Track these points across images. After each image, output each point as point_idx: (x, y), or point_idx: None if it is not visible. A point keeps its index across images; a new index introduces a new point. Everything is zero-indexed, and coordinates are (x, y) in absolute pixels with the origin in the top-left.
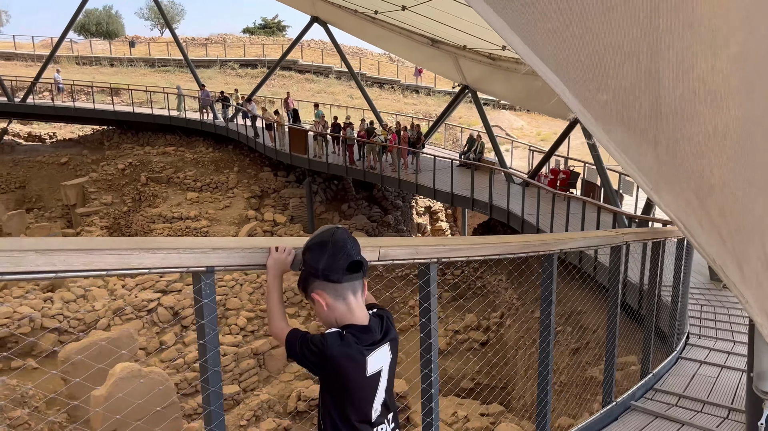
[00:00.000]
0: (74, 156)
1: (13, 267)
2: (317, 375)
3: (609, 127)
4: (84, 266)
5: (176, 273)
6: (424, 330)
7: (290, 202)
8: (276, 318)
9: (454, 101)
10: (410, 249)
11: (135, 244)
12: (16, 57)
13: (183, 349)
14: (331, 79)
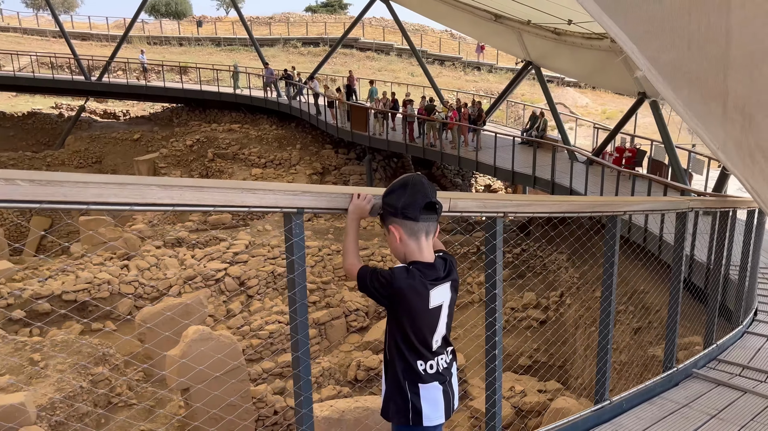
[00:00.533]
0: (146, 132)
1: (140, 198)
2: (384, 305)
3: (676, 84)
4: (196, 201)
5: (270, 212)
6: (489, 281)
7: (350, 178)
8: (350, 256)
9: (517, 78)
10: (478, 203)
11: (238, 185)
12: (92, 37)
13: (248, 317)
14: (391, 57)
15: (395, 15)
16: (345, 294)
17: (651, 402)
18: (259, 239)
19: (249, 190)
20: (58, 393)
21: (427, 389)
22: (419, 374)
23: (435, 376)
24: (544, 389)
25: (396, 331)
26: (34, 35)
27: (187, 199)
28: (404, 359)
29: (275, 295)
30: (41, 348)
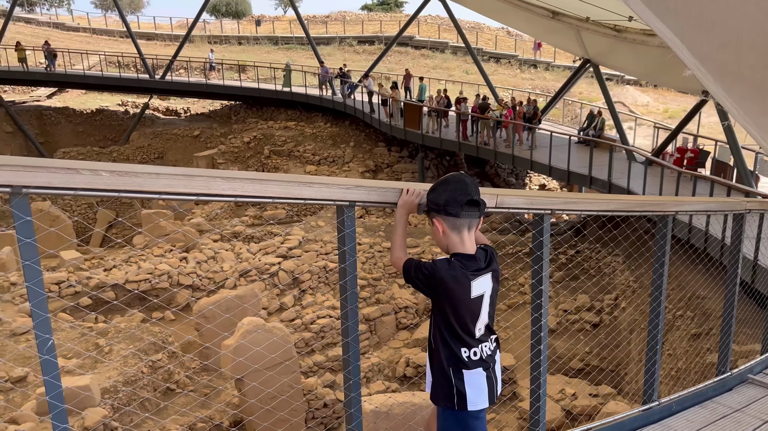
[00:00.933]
0: (205, 129)
1: (206, 189)
2: (428, 295)
3: (727, 82)
4: (256, 192)
5: (325, 204)
6: (535, 277)
7: (402, 176)
8: (397, 249)
9: (574, 76)
10: (525, 200)
11: (295, 179)
12: (156, 37)
13: (300, 311)
14: (446, 55)
15: (451, 13)
16: (395, 291)
17: (702, 405)
18: (312, 234)
19: (305, 183)
20: (121, 378)
21: (471, 375)
22: (463, 360)
23: (479, 362)
24: (596, 393)
25: (440, 320)
26: (103, 35)
27: (248, 191)
28: (448, 346)
29: (327, 290)
30: (106, 334)
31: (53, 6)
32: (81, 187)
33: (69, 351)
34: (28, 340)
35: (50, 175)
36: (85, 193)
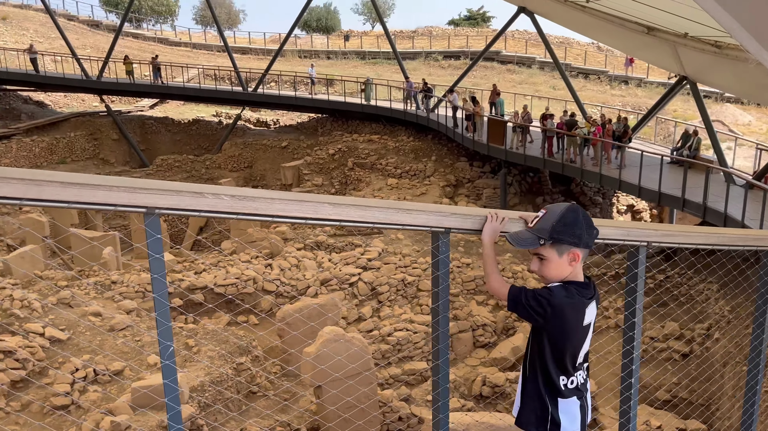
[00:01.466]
0: (293, 141)
1: (314, 214)
2: (537, 323)
3: None
4: (359, 218)
5: (422, 230)
6: (628, 309)
7: (484, 192)
8: (496, 277)
9: (669, 93)
10: (621, 230)
11: (395, 205)
12: (250, 51)
13: (378, 322)
14: (533, 70)
15: (539, 27)
16: (473, 308)
17: None
18: (392, 247)
19: (405, 210)
20: (208, 378)
21: (567, 403)
22: (560, 389)
23: (574, 391)
24: (684, 427)
25: (545, 347)
26: (202, 50)
27: (352, 216)
28: (547, 373)
29: (404, 303)
30: (195, 335)
31: (158, 22)
32: (205, 209)
33: None
34: (125, 336)
35: (179, 198)
36: (209, 215)
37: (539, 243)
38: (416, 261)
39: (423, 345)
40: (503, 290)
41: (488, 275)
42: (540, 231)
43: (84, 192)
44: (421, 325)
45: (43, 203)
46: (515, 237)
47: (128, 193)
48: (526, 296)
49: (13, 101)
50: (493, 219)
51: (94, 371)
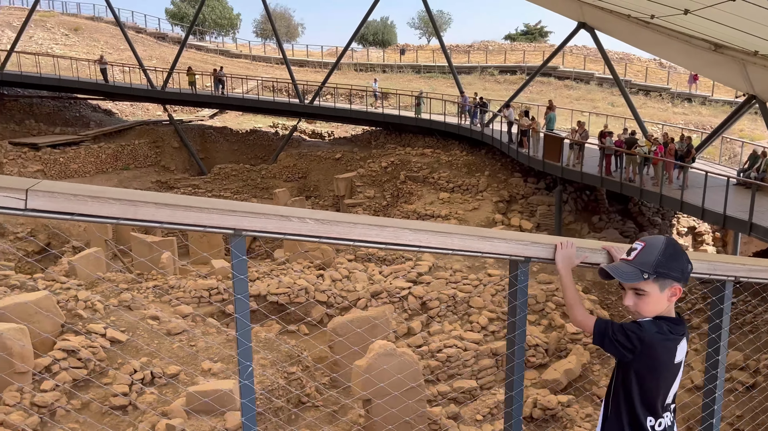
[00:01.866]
0: (346, 152)
1: (394, 239)
2: (625, 358)
3: None
4: (439, 245)
5: (501, 258)
6: (712, 346)
7: (538, 209)
8: (579, 309)
9: (737, 112)
10: (707, 265)
11: (476, 233)
12: (308, 64)
13: (428, 338)
14: (591, 86)
15: (599, 43)
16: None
17: None
18: (443, 261)
19: (485, 237)
20: (260, 386)
21: None
22: (647, 430)
23: None
24: None
25: (632, 384)
26: (261, 62)
27: (432, 242)
28: (633, 413)
29: (454, 319)
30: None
31: (220, 35)
32: (290, 233)
33: (216, 355)
34: (181, 340)
35: (266, 221)
36: (293, 238)
37: (643, 277)
38: (467, 277)
39: (472, 363)
40: (588, 322)
41: (571, 306)
42: (642, 265)
43: (177, 213)
44: (471, 343)
45: (139, 223)
46: (615, 269)
47: (218, 215)
48: (614, 330)
49: (83, 109)
50: (563, 247)
51: (151, 374)
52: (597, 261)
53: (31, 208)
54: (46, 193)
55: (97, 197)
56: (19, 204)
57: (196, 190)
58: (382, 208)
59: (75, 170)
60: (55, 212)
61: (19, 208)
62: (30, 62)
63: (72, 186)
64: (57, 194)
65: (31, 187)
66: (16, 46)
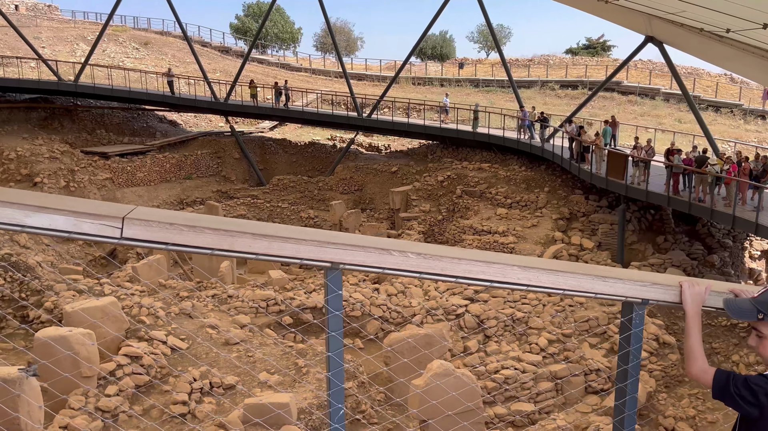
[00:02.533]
0: (402, 166)
1: (501, 277)
2: (750, 415)
3: None
4: (550, 284)
5: (615, 300)
6: None
7: (600, 227)
8: (698, 358)
9: None
10: None
11: (589, 271)
12: (366, 77)
13: (485, 358)
14: (657, 101)
15: (668, 58)
16: (586, 351)
17: None
18: None
19: (600, 277)
20: (315, 401)
21: None
22: None
23: None
24: None
25: None
26: (320, 75)
27: (542, 281)
28: None
29: (512, 340)
30: (304, 355)
31: (282, 48)
32: (390, 267)
33: (272, 367)
34: (239, 351)
35: (366, 254)
36: (393, 272)
37: (757, 316)
38: (525, 296)
39: (531, 386)
40: (707, 375)
41: (690, 353)
42: (761, 304)
43: (273, 245)
44: (529, 365)
45: (234, 254)
46: (732, 304)
47: (316, 248)
48: (736, 384)
49: (150, 120)
50: (693, 286)
51: (210, 383)
52: (718, 306)
53: (127, 237)
54: (142, 222)
55: (193, 226)
56: (114, 233)
57: (255, 200)
58: (438, 222)
59: (141, 179)
60: (150, 241)
61: (114, 236)
62: (102, 74)
63: (168, 214)
64: (153, 223)
65: (127, 214)
66: (90, 59)
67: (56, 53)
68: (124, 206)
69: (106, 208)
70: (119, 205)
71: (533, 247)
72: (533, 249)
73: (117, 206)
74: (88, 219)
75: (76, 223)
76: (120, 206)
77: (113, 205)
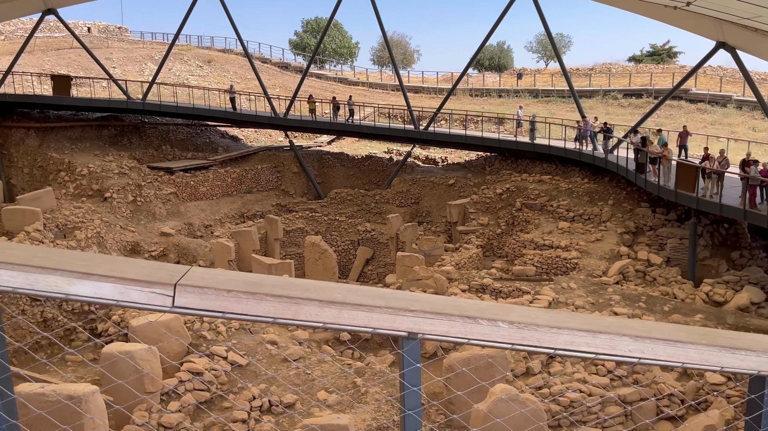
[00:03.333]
0: (460, 178)
1: (609, 349)
2: None
3: None
4: (667, 357)
5: (743, 374)
6: None
7: (668, 242)
8: None
9: None
10: None
11: (715, 340)
12: (423, 90)
13: (548, 379)
14: (728, 109)
15: (741, 64)
16: (657, 374)
17: None
18: (563, 296)
19: (728, 348)
20: (374, 423)
21: None
22: None
23: None
24: None
25: None
26: (377, 89)
27: (658, 354)
28: None
29: (577, 360)
30: (362, 375)
31: (339, 63)
32: (478, 338)
33: (331, 385)
34: (297, 368)
35: (449, 323)
36: (480, 343)
37: None
38: (591, 314)
39: (598, 410)
40: None
41: None
42: None
43: (343, 313)
44: (595, 387)
45: (299, 323)
46: None
47: (390, 316)
48: None
49: (213, 135)
50: None
51: (269, 401)
52: None
53: (179, 306)
54: (196, 290)
55: (253, 293)
56: (165, 301)
57: (313, 213)
58: (497, 235)
59: (204, 193)
60: (205, 310)
61: (165, 306)
62: (168, 92)
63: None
64: (208, 290)
65: (179, 280)
66: (156, 78)
67: (126, 73)
68: (177, 268)
69: (157, 272)
70: (172, 268)
71: (597, 263)
72: (597, 264)
73: (169, 269)
74: (137, 286)
75: (124, 291)
76: (173, 268)
77: (165, 268)
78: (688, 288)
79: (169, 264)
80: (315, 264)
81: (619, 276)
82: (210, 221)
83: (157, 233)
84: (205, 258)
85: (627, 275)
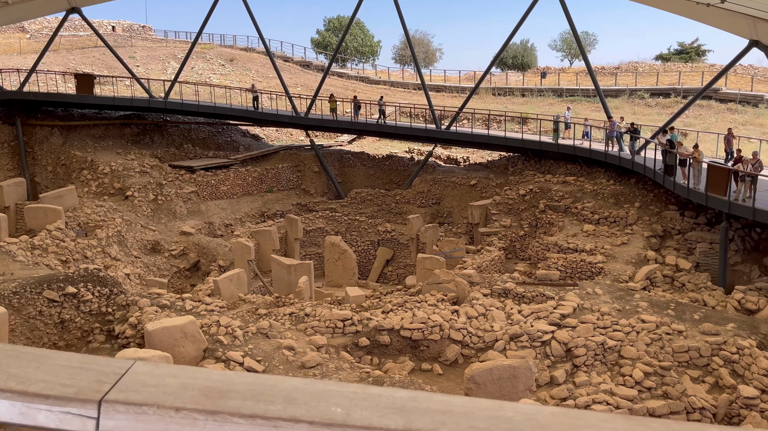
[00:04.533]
0: (482, 179)
1: None
2: None
3: None
4: None
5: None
6: None
7: (697, 246)
8: None
9: None
10: None
11: None
12: (445, 89)
13: (573, 390)
14: (760, 109)
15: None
16: (688, 386)
17: None
18: (589, 302)
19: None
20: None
21: None
22: None
23: None
24: None
25: None
26: (399, 87)
27: None
28: None
29: (603, 370)
30: (382, 383)
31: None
32: None
33: None
34: (315, 375)
35: None
36: None
37: None
38: (617, 322)
39: None
40: None
41: None
42: None
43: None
44: (623, 399)
45: None
46: None
47: None
48: None
49: (234, 134)
50: None
51: None
52: None
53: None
54: (130, 408)
55: (214, 412)
56: (85, 426)
57: (334, 213)
58: (519, 237)
59: (224, 192)
60: None
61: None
62: (190, 91)
63: (176, 384)
64: (147, 408)
65: (107, 394)
66: (179, 76)
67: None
68: (110, 370)
69: (78, 380)
70: (103, 369)
71: (624, 267)
72: (624, 269)
73: (98, 373)
74: (43, 404)
75: (26, 411)
76: (104, 371)
77: (93, 370)
78: (718, 295)
79: (104, 360)
80: (335, 265)
81: (646, 281)
82: (230, 220)
83: (178, 232)
84: (225, 258)
85: (654, 280)
